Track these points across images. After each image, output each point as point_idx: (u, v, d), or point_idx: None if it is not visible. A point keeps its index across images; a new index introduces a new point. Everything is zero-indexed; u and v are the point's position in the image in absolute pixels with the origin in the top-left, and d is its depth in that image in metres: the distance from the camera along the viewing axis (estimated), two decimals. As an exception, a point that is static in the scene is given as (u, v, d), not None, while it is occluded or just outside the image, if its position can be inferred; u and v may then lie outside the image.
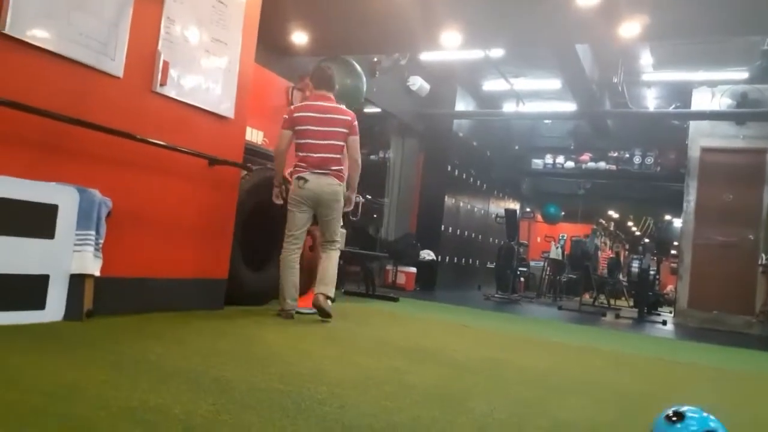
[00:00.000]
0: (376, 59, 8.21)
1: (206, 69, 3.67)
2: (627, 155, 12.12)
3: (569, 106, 10.56)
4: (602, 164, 12.46)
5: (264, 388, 1.90)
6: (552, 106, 11.64)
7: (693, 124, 9.11)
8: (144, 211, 3.34)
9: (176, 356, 2.29)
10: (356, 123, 4.08)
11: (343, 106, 4.16)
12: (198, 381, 1.91)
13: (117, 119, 3.09)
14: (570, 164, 13.08)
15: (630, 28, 4.98)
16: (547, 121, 13.35)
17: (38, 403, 1.49)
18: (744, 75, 9.00)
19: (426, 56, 9.07)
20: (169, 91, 3.42)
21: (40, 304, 2.65)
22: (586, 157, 12.82)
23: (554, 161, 13.24)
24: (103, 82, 3.06)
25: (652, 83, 10.39)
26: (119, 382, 1.78)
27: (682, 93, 9.68)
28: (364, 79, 6.69)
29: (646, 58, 9.24)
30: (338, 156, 4.02)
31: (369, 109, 9.11)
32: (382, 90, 8.55)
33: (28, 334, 2.39)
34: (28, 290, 2.61)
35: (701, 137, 8.95)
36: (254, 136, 5.30)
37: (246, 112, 4.04)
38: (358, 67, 6.66)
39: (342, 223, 4.34)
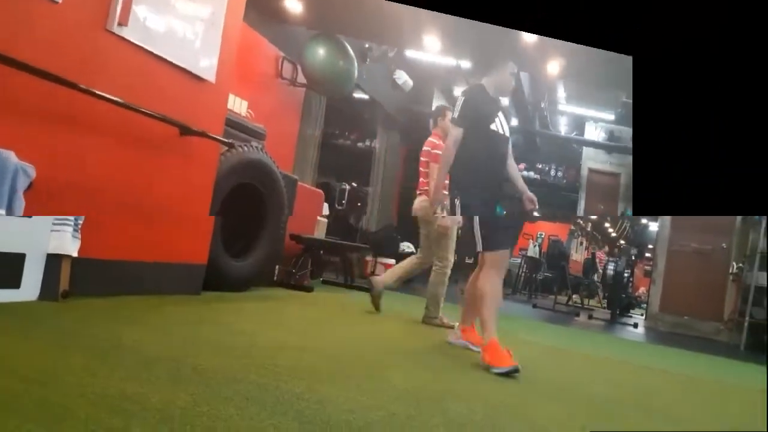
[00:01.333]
0: (367, 45, 8.11)
1: (183, 15, 3.01)
2: (547, 168, 14.78)
3: (513, 121, 11.47)
4: (532, 173, 14.60)
5: (242, 380, 1.90)
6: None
7: (585, 150, 12.81)
8: (103, 186, 2.90)
9: (153, 343, 2.27)
10: (434, 151, 4.43)
11: (431, 138, 4.61)
12: (176, 369, 1.90)
13: (53, 60, 2.42)
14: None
15: (553, 65, 6.07)
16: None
17: (17, 389, 1.47)
18: (611, 117, 12.38)
19: (411, 54, 9.09)
20: (131, 34, 2.78)
21: (15, 283, 2.61)
22: (522, 166, 14.02)
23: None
24: (35, 9, 2.39)
25: (564, 112, 13.40)
26: (97, 368, 1.76)
27: (579, 124, 13.35)
28: (356, 64, 6.54)
29: (561, 92, 11.82)
30: (423, 180, 4.57)
31: (358, 95, 9.09)
32: (372, 78, 8.52)
33: (3, 313, 2.35)
34: (2, 269, 2.57)
35: (588, 160, 12.87)
36: (237, 105, 4.69)
37: (231, 77, 3.56)
38: (351, 51, 6.45)
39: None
